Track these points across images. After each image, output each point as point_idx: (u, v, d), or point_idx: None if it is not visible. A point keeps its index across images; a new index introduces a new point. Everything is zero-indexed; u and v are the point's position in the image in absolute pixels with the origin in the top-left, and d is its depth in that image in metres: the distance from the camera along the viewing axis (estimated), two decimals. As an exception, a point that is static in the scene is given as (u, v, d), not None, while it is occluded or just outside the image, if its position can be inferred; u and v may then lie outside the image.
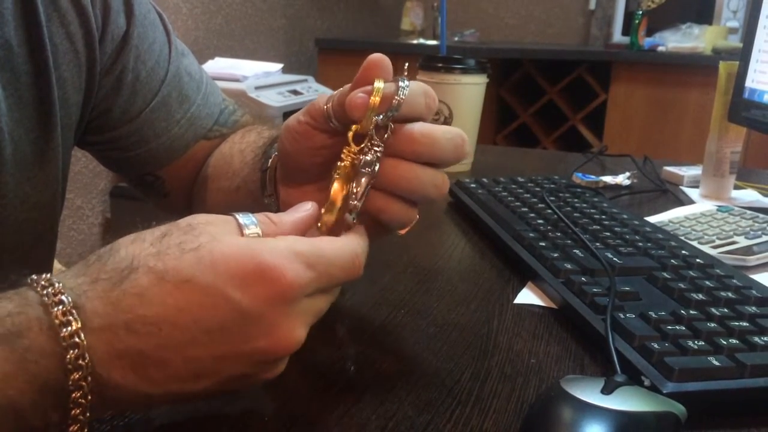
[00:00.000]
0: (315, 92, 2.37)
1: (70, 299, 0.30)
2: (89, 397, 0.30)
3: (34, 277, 0.32)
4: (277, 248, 0.33)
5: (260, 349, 0.33)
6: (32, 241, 0.56)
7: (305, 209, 0.39)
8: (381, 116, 0.40)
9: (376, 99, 0.39)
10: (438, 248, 0.70)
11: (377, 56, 0.41)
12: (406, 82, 0.41)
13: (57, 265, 0.73)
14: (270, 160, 0.53)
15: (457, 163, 0.43)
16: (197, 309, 0.31)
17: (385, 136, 0.41)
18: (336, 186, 0.41)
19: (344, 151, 0.41)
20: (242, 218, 0.36)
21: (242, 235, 0.35)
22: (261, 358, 0.33)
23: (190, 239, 0.33)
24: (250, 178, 0.56)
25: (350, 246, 0.37)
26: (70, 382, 0.29)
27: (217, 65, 2.22)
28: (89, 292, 0.31)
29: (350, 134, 0.41)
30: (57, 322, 0.30)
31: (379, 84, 0.40)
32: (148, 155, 0.63)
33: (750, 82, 0.87)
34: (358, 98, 0.40)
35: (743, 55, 0.88)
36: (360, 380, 0.43)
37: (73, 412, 0.30)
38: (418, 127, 0.41)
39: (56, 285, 0.31)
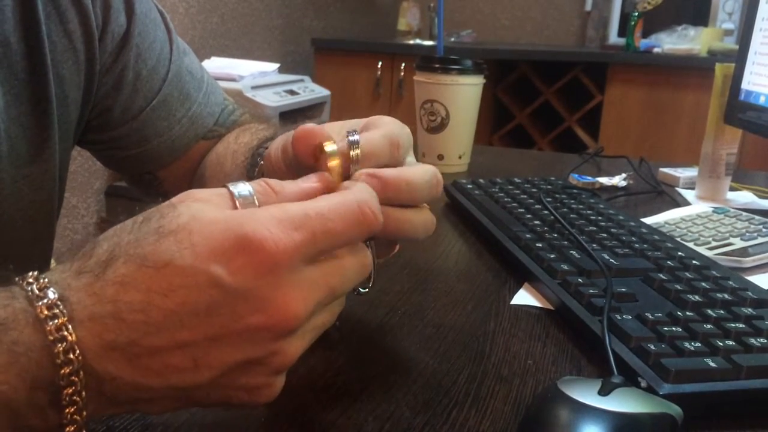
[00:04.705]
0: (311, 92, 2.37)
1: (55, 293, 0.30)
2: (83, 394, 0.29)
3: (23, 275, 0.31)
4: (257, 216, 0.31)
5: (254, 326, 0.30)
6: (29, 240, 0.56)
7: (313, 181, 0.36)
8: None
9: (333, 163, 0.38)
10: (434, 249, 0.70)
11: (305, 129, 0.40)
12: (356, 137, 0.39)
13: (54, 264, 0.72)
14: (256, 169, 0.53)
15: (433, 200, 0.43)
16: (181, 291, 0.30)
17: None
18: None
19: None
20: (235, 188, 0.34)
21: (235, 207, 0.33)
22: (258, 336, 0.31)
23: (168, 222, 0.31)
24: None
25: (350, 195, 0.34)
26: (61, 378, 0.29)
27: (214, 65, 2.22)
28: (73, 285, 0.30)
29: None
30: (42, 315, 0.29)
31: (328, 148, 0.38)
32: (148, 154, 0.63)
33: (746, 84, 0.87)
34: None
35: (739, 57, 0.88)
36: (357, 381, 0.43)
37: (67, 410, 0.29)
38: (390, 173, 0.39)
39: (42, 280, 0.31)
